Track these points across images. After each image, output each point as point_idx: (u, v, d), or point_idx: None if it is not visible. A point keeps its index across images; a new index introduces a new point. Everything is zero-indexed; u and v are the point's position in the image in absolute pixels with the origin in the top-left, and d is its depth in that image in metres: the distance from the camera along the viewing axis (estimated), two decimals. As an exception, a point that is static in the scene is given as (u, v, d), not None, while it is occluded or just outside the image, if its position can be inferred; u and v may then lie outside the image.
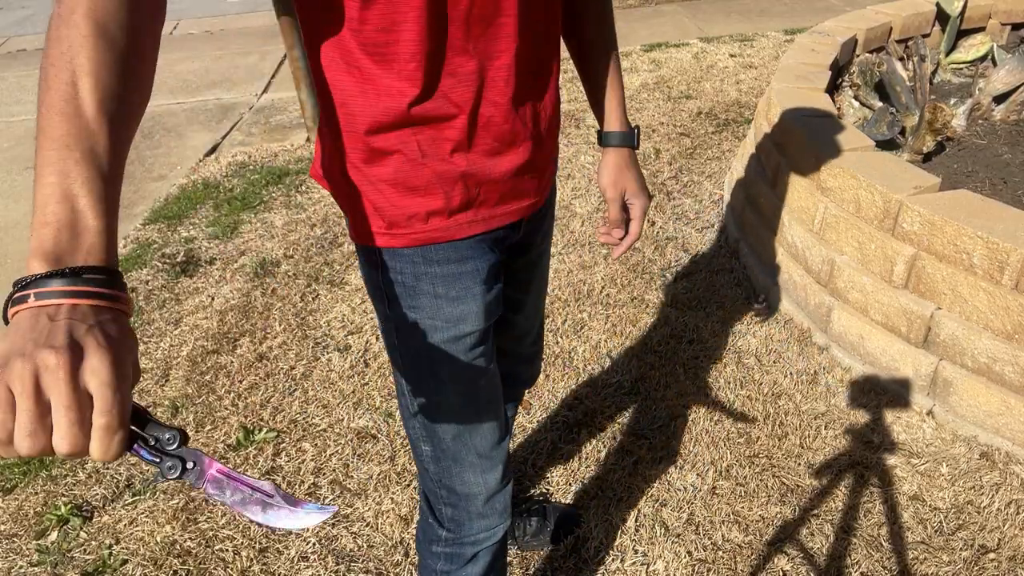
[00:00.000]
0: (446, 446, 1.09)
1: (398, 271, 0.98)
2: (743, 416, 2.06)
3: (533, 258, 1.20)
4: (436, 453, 1.11)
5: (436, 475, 1.13)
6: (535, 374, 1.47)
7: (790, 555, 1.67)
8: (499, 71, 0.90)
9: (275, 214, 3.30)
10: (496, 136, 0.94)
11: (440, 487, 1.14)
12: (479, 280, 1.01)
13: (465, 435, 1.09)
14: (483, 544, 1.19)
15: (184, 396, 2.25)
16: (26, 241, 3.21)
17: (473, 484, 1.13)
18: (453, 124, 0.90)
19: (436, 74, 0.87)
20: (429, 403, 1.07)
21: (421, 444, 1.11)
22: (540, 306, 1.33)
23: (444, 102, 0.88)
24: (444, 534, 1.18)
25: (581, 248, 2.87)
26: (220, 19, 6.98)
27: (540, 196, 1.06)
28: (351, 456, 1.99)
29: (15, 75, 5.61)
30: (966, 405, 1.94)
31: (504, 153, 0.96)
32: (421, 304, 0.99)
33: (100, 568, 1.74)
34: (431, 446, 1.10)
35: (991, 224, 1.86)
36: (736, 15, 5.86)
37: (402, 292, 0.99)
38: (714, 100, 4.23)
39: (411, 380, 1.06)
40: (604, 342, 2.37)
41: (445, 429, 1.08)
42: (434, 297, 0.99)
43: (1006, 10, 3.53)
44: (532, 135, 0.98)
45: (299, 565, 1.71)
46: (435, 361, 1.03)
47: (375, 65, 0.85)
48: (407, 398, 1.09)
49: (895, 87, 2.84)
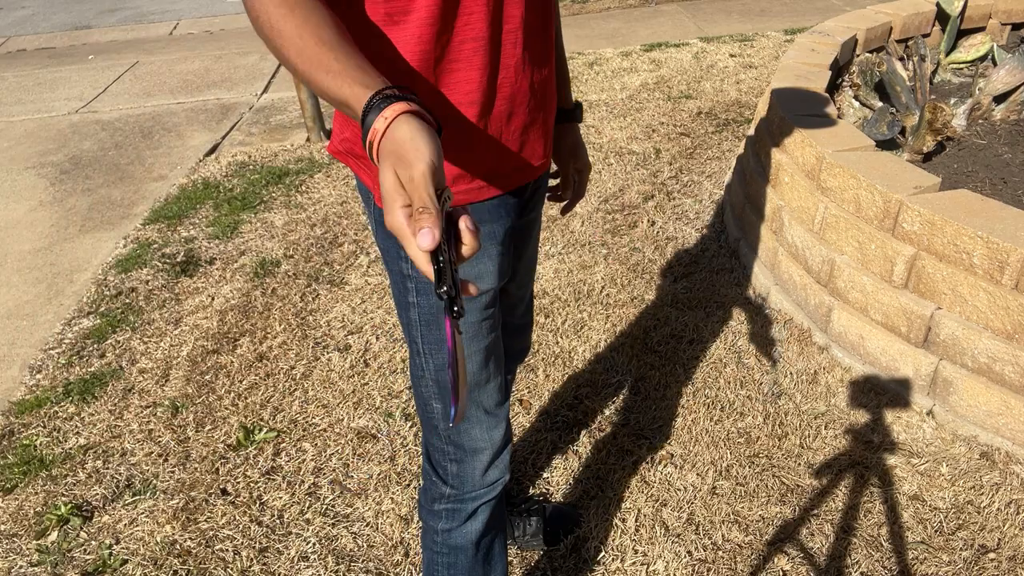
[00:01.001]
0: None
1: None
2: (743, 416, 2.06)
3: (527, 224, 1.24)
4: (447, 410, 1.15)
5: (445, 432, 1.17)
6: (526, 347, 1.51)
7: (790, 555, 1.67)
8: (509, 34, 0.94)
9: (275, 214, 3.30)
10: (508, 97, 0.98)
11: (448, 443, 1.17)
12: (496, 242, 1.06)
13: (475, 392, 1.14)
14: (483, 499, 1.22)
15: (184, 396, 2.25)
16: (26, 241, 3.22)
17: (480, 440, 1.17)
18: (472, 87, 0.94)
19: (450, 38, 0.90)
20: (444, 362, 1.11)
21: (432, 402, 1.15)
22: (531, 276, 1.36)
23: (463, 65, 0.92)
24: (448, 491, 1.21)
25: (581, 248, 2.87)
26: (220, 19, 6.98)
27: (547, 158, 1.12)
28: (351, 456, 1.99)
29: (15, 75, 5.61)
30: (966, 405, 1.94)
31: (516, 114, 1.00)
32: None
33: (100, 568, 1.74)
34: (443, 403, 1.14)
35: (991, 224, 1.86)
36: (736, 15, 5.86)
37: None
38: (714, 100, 4.23)
39: (427, 338, 1.10)
40: (604, 342, 2.37)
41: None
42: None
43: (1006, 10, 3.53)
44: (539, 96, 1.03)
45: (299, 565, 1.71)
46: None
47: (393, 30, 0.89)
48: (421, 357, 1.12)
49: (895, 87, 2.84)
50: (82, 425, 2.17)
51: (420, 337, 1.11)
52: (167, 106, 4.77)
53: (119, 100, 4.93)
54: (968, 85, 3.16)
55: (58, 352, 2.50)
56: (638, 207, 3.14)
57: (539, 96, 1.03)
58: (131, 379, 2.34)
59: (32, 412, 2.23)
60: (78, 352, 2.48)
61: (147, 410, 2.21)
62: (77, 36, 6.68)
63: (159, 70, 5.51)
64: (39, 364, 2.45)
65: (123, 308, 2.70)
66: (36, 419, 2.20)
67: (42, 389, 2.33)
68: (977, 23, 3.56)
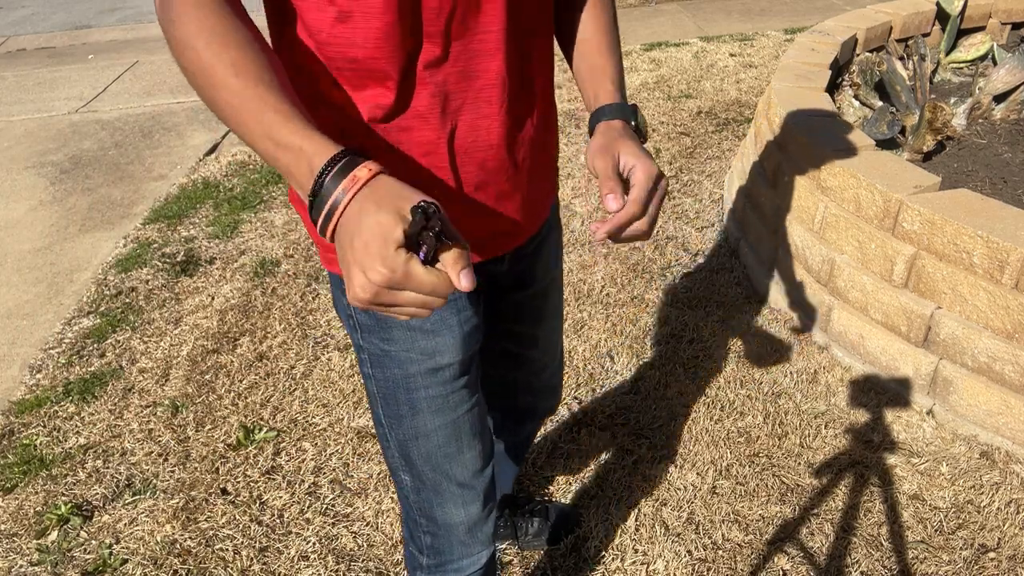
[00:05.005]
0: (426, 477, 1.06)
1: None
2: (743, 415, 2.06)
3: (538, 291, 1.16)
4: (416, 484, 1.07)
5: (416, 504, 1.10)
6: (554, 406, 1.43)
7: (790, 554, 1.67)
8: (481, 91, 0.84)
9: (275, 213, 3.30)
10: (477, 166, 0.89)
11: (421, 516, 1.11)
12: (455, 310, 0.97)
13: (445, 466, 1.05)
14: (466, 571, 1.15)
15: (184, 395, 2.25)
16: (26, 241, 3.22)
17: (454, 515, 1.09)
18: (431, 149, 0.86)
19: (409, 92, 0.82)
20: (407, 434, 1.03)
21: (400, 473, 1.08)
22: (557, 339, 1.29)
23: (419, 122, 0.84)
24: (425, 561, 1.15)
25: (581, 248, 2.87)
26: (220, 18, 6.97)
27: (525, 233, 1.02)
28: (351, 455, 1.99)
29: (15, 75, 5.61)
30: (966, 404, 1.94)
31: (485, 187, 0.91)
32: (394, 336, 0.96)
33: (100, 568, 1.74)
34: (410, 476, 1.07)
35: (991, 223, 1.86)
36: (736, 14, 5.86)
37: (374, 323, 0.96)
38: (714, 99, 4.22)
39: (387, 411, 1.03)
40: (604, 342, 2.37)
41: (424, 460, 1.04)
42: (408, 329, 0.95)
43: (1006, 9, 3.53)
44: (512, 167, 0.92)
45: (299, 564, 1.71)
46: (412, 392, 1.00)
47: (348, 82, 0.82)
48: (384, 428, 1.05)
49: (895, 86, 2.84)
50: (82, 425, 2.17)
51: (380, 410, 1.03)
52: (167, 106, 4.77)
53: (119, 99, 4.93)
54: (968, 85, 3.16)
55: (58, 352, 2.50)
56: (638, 207, 3.14)
57: (513, 165, 0.92)
58: (131, 379, 2.34)
59: (32, 412, 2.23)
60: (78, 352, 2.48)
61: (147, 410, 2.21)
62: (77, 36, 6.68)
63: (159, 69, 5.51)
64: (39, 364, 2.45)
65: (123, 308, 2.70)
66: (36, 419, 2.20)
67: (42, 389, 2.33)
68: (977, 23, 3.56)
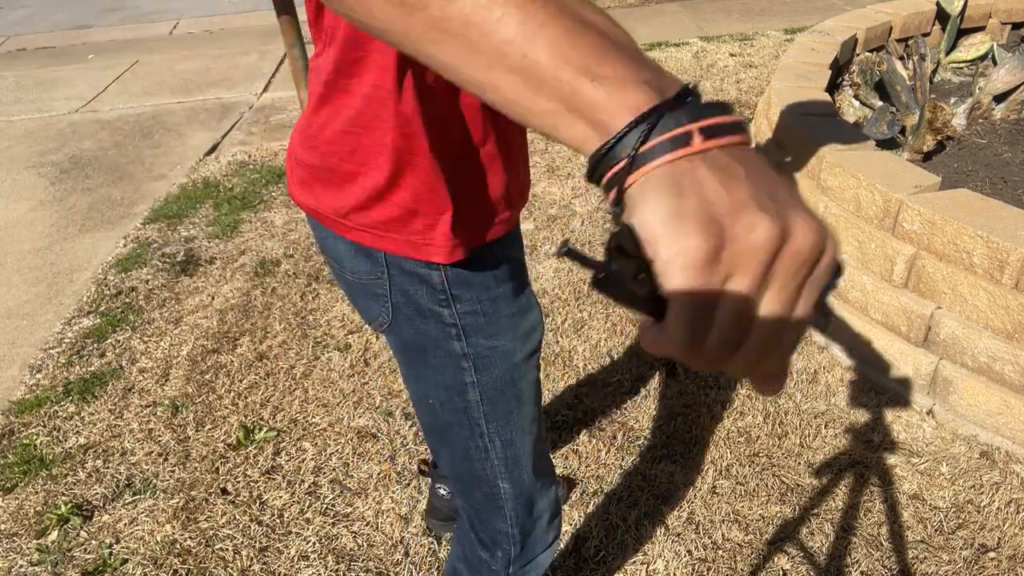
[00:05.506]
0: (527, 474, 1.02)
1: (474, 298, 0.90)
2: (743, 415, 2.06)
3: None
4: (516, 489, 1.02)
5: (514, 511, 1.04)
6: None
7: (790, 554, 1.67)
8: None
9: (275, 213, 3.30)
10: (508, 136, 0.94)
11: (514, 525, 1.05)
12: (519, 283, 0.98)
13: (544, 453, 1.03)
14: (543, 566, 1.14)
15: (184, 395, 2.25)
16: (26, 241, 3.21)
17: (543, 506, 1.07)
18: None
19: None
20: (515, 431, 0.98)
21: (500, 482, 1.02)
22: None
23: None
24: (512, 570, 1.11)
25: (581, 248, 2.87)
26: (220, 19, 6.98)
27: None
28: (351, 455, 1.99)
29: (15, 75, 5.61)
30: (966, 404, 1.94)
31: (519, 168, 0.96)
32: (500, 328, 0.92)
33: (100, 567, 1.74)
34: (511, 482, 1.01)
35: (991, 223, 1.86)
36: (736, 14, 5.86)
37: (481, 321, 0.91)
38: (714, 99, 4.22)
39: (494, 414, 0.97)
40: (604, 341, 2.37)
41: (529, 455, 1.01)
42: (511, 316, 0.93)
43: (1006, 9, 3.53)
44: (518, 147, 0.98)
45: (299, 564, 1.71)
46: (517, 383, 0.96)
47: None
48: (485, 439, 0.98)
49: (895, 86, 2.84)
50: (82, 425, 2.17)
51: (483, 418, 0.97)
52: (167, 105, 4.77)
53: (119, 99, 4.92)
54: (968, 84, 3.16)
55: (58, 352, 2.50)
56: (638, 206, 3.14)
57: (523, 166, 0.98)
58: (131, 378, 2.34)
59: (32, 411, 2.23)
60: (78, 352, 2.48)
61: (147, 409, 2.21)
62: (77, 35, 6.68)
63: (159, 69, 5.51)
64: (39, 364, 2.45)
65: (123, 307, 2.70)
66: (36, 418, 2.20)
67: (42, 389, 2.33)
68: (977, 22, 3.56)
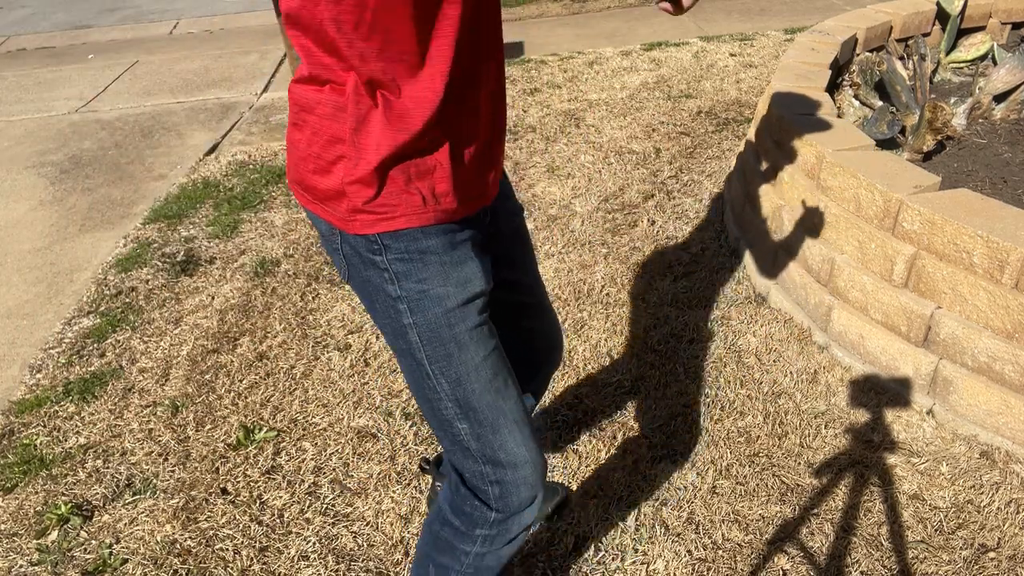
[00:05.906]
0: (483, 416, 1.09)
1: (402, 249, 1.02)
2: (743, 415, 2.06)
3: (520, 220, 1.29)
4: (475, 429, 1.10)
5: (479, 451, 1.11)
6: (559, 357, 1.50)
7: (790, 554, 1.68)
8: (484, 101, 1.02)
9: (275, 213, 3.30)
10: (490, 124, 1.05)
11: (485, 463, 1.12)
12: (473, 243, 1.08)
13: (499, 401, 1.10)
14: (526, 520, 1.18)
15: (184, 395, 2.25)
16: (26, 241, 3.21)
17: (516, 453, 1.12)
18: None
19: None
20: (459, 371, 1.07)
21: (456, 424, 1.10)
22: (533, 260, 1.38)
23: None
24: (493, 516, 1.15)
25: (581, 248, 2.87)
26: (220, 19, 6.98)
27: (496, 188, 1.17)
28: (351, 455, 1.99)
29: (15, 75, 5.61)
30: (966, 404, 1.94)
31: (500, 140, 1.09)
32: (430, 274, 1.03)
33: (100, 567, 1.74)
34: (468, 422, 1.10)
35: (991, 223, 1.86)
36: (736, 14, 5.86)
37: (409, 267, 1.02)
38: (714, 99, 4.22)
39: (434, 356, 1.06)
40: (604, 341, 2.37)
41: (479, 397, 1.08)
42: (440, 264, 1.03)
43: (1006, 9, 3.53)
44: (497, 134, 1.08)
45: (299, 564, 1.71)
46: (454, 327, 1.05)
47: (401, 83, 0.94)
48: (432, 379, 1.08)
49: (895, 86, 2.84)
50: (82, 424, 2.17)
51: (425, 358, 1.06)
52: (167, 105, 4.77)
53: (119, 99, 4.93)
54: (968, 84, 3.16)
55: (58, 352, 2.50)
56: (638, 206, 3.14)
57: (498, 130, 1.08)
58: (131, 378, 2.34)
59: (32, 411, 2.23)
60: (78, 352, 2.48)
61: (147, 409, 2.21)
62: (77, 35, 6.68)
63: (159, 69, 5.51)
64: (39, 363, 2.45)
65: (123, 307, 2.70)
66: (36, 418, 2.20)
67: (42, 388, 2.33)
68: (977, 22, 3.56)
